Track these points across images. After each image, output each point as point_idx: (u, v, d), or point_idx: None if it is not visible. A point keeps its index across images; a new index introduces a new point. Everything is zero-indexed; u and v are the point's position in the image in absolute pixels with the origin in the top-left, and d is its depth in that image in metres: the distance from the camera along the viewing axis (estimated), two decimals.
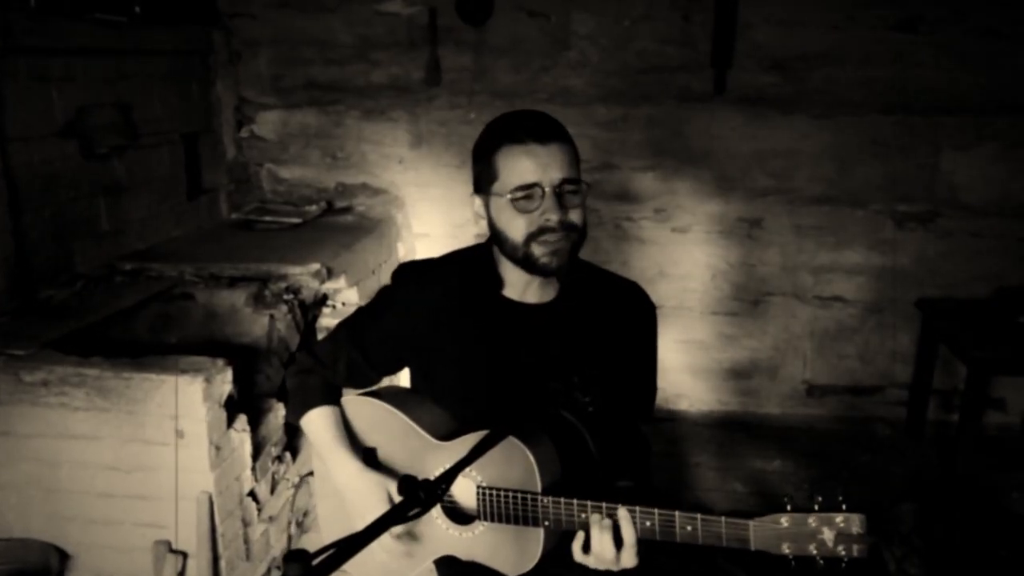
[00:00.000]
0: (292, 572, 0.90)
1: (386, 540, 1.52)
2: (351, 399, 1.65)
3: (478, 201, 1.51)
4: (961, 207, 3.59)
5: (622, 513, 1.34)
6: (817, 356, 3.84)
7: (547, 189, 1.40)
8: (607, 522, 1.34)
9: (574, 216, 1.43)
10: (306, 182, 3.97)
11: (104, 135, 2.96)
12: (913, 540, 2.70)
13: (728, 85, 3.56)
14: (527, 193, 1.40)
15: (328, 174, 3.95)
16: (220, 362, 2.29)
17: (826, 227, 3.69)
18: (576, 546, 1.38)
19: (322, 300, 3.12)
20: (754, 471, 3.42)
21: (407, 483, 1.14)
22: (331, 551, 0.96)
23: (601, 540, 1.34)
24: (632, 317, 1.59)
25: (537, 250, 1.43)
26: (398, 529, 1.52)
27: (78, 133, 2.85)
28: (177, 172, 3.50)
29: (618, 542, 1.34)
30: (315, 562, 0.93)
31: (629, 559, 1.34)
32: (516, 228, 1.43)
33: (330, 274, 3.06)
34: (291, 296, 2.90)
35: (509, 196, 1.41)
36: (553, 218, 1.40)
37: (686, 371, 3.91)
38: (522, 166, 1.40)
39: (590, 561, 1.37)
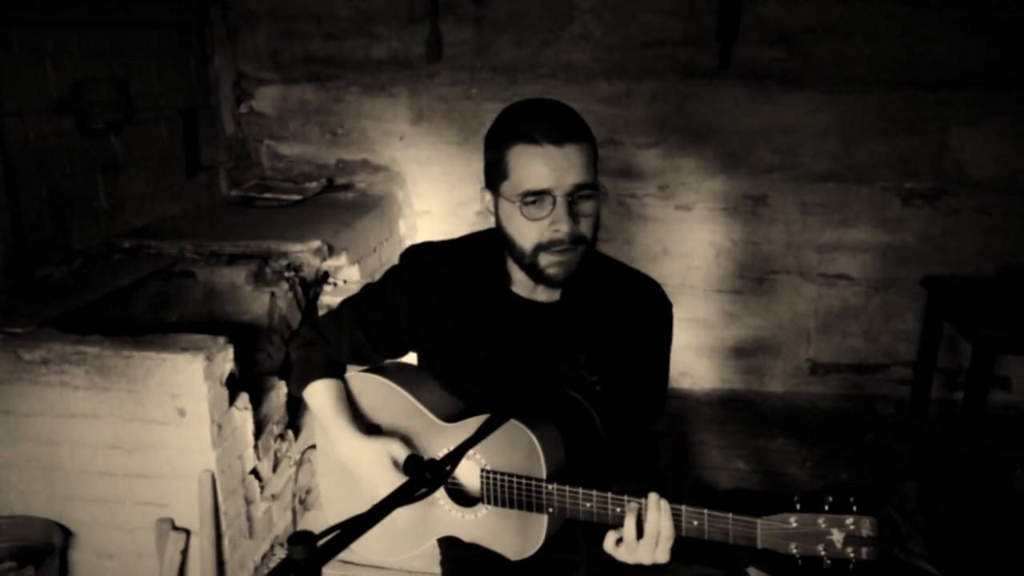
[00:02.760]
0: (297, 554, 0.88)
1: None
2: (356, 375, 1.63)
3: (488, 197, 1.44)
4: (968, 184, 3.55)
5: (628, 508, 1.31)
6: (821, 334, 3.82)
7: (559, 197, 1.32)
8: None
9: (584, 227, 1.36)
10: (306, 159, 3.93)
11: (100, 110, 2.92)
12: (917, 519, 2.70)
13: (733, 60, 3.51)
14: (537, 200, 1.33)
15: (328, 151, 3.91)
16: (221, 340, 2.27)
17: (831, 204, 3.66)
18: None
19: (323, 278, 3.09)
20: (757, 449, 3.41)
21: (413, 463, 1.12)
22: (336, 532, 0.95)
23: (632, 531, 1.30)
24: (646, 317, 1.53)
25: (544, 261, 1.37)
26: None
27: (74, 108, 2.80)
28: (175, 148, 3.46)
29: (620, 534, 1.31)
30: (320, 543, 0.91)
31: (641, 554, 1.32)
32: (524, 236, 1.37)
33: (331, 252, 3.04)
34: (292, 274, 2.88)
35: (518, 201, 1.34)
36: (563, 229, 1.33)
37: (689, 349, 3.90)
38: (534, 170, 1.32)
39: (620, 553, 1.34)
